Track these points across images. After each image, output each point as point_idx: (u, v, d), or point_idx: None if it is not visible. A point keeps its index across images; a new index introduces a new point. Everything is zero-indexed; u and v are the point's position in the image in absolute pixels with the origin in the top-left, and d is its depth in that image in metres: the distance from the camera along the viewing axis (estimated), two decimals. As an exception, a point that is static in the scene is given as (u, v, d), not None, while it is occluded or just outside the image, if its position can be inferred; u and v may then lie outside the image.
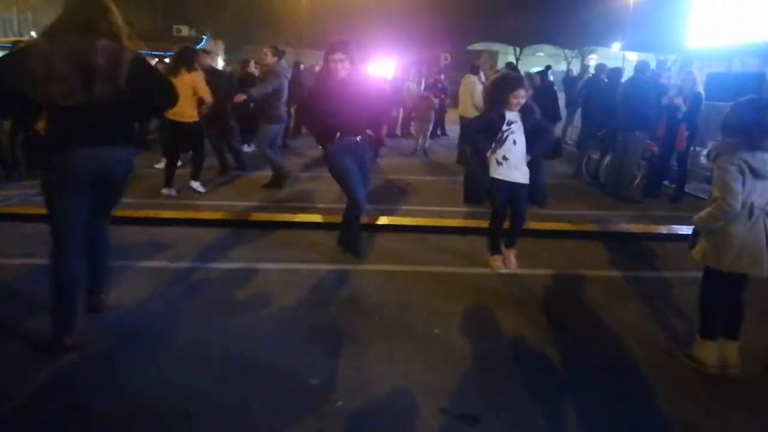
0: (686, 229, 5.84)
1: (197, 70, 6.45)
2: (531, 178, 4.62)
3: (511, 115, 4.42)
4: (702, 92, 7.24)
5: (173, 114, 5.81)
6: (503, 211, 4.59)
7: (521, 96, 4.39)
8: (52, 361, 2.95)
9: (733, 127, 2.95)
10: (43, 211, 3.07)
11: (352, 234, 4.79)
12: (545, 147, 4.92)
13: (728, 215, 2.86)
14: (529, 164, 4.57)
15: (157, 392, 2.75)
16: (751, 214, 2.88)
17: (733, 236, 2.90)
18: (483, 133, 4.48)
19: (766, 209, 2.92)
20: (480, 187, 5.43)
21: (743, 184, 2.84)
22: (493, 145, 4.41)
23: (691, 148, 7.45)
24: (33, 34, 33.59)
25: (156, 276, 4.20)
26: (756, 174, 2.86)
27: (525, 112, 4.49)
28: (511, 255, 4.70)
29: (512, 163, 4.43)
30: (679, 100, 7.10)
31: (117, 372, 2.92)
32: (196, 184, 6.77)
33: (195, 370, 2.95)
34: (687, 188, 7.60)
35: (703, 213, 3.01)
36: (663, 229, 6.06)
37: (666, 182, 7.90)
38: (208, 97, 6.46)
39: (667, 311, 4.02)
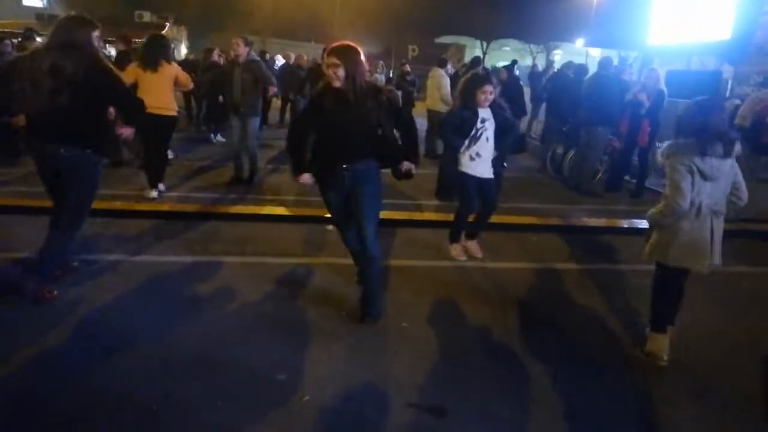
0: (646, 223, 6.05)
1: (174, 59, 6.20)
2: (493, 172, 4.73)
3: (484, 113, 4.51)
4: (665, 89, 7.42)
5: (156, 108, 5.34)
6: (475, 205, 4.70)
7: (489, 92, 4.45)
8: (11, 354, 2.84)
9: (685, 128, 3.04)
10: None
11: (367, 291, 3.62)
12: (511, 143, 5.05)
13: (676, 213, 2.96)
14: (494, 159, 4.67)
15: (120, 390, 2.68)
16: (698, 213, 2.99)
17: (680, 233, 3.02)
18: (456, 130, 4.54)
19: (714, 209, 3.03)
20: (451, 182, 5.50)
21: (693, 184, 2.94)
22: (467, 142, 4.49)
23: (653, 144, 7.64)
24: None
25: (117, 270, 4.08)
26: (705, 176, 2.95)
27: (496, 110, 4.58)
28: (476, 245, 4.79)
29: (484, 158, 4.55)
30: (643, 96, 7.26)
31: (77, 369, 2.83)
32: (162, 187, 6.15)
33: (158, 367, 2.89)
34: (647, 183, 7.81)
35: (654, 210, 3.11)
36: (624, 223, 6.23)
37: (627, 177, 8.09)
38: (190, 85, 6.25)
39: (627, 303, 4.13)
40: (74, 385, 2.70)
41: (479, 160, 4.53)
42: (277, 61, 14.35)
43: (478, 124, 4.48)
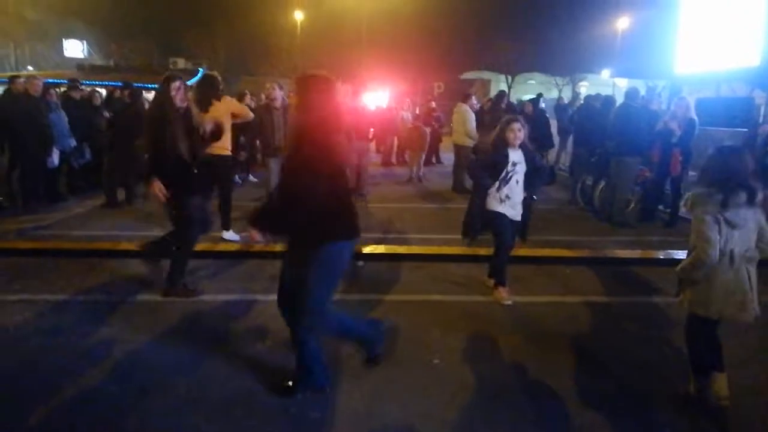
0: (682, 254, 5.90)
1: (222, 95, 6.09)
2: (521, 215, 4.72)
3: (515, 155, 4.50)
4: (695, 117, 7.35)
5: (217, 148, 5.34)
6: (512, 242, 4.67)
7: (517, 129, 4.46)
8: (51, 394, 2.92)
9: (709, 177, 2.99)
10: (39, 245, 3.12)
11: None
12: (540, 185, 5.07)
13: (707, 264, 2.88)
14: (523, 200, 4.65)
15: (155, 428, 2.72)
16: (732, 262, 2.91)
17: (718, 284, 2.93)
18: (487, 170, 4.55)
19: (747, 256, 2.94)
20: (478, 221, 5.40)
21: (720, 233, 2.87)
22: (497, 184, 4.49)
23: (686, 173, 7.53)
24: (30, 68, 33.99)
25: (150, 309, 4.18)
26: (732, 225, 2.89)
27: (526, 151, 4.58)
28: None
29: (513, 201, 4.53)
30: (674, 125, 7.20)
31: (113, 408, 2.88)
32: (229, 234, 6.11)
33: (192, 405, 2.92)
34: (681, 212, 7.65)
35: (684, 263, 3.04)
36: (659, 254, 6.09)
37: (660, 207, 7.95)
38: (250, 114, 6.34)
39: (666, 337, 4.02)
40: (111, 425, 2.74)
41: (508, 203, 4.51)
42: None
43: (509, 167, 4.47)
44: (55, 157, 7.42)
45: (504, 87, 37.70)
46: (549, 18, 37.60)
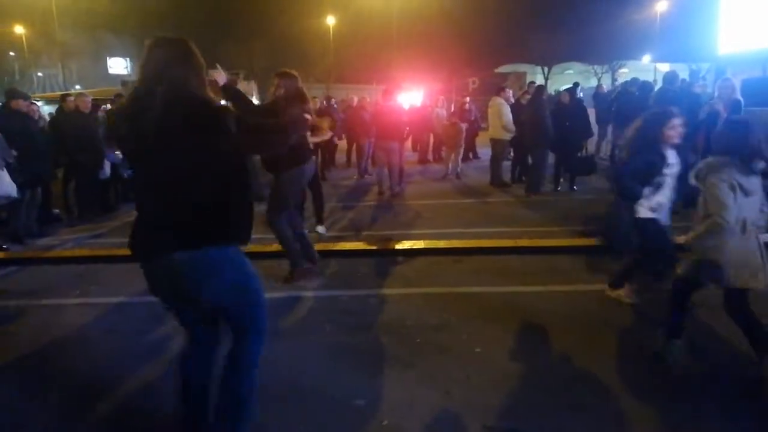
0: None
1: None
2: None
3: (671, 155, 3.84)
4: (741, 99, 7.12)
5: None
6: (669, 246, 4.09)
7: (677, 125, 3.76)
8: (115, 386, 3.12)
9: (724, 145, 3.03)
10: (95, 252, 3.33)
11: None
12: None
13: (724, 230, 2.90)
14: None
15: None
16: (744, 229, 2.94)
17: (730, 251, 2.95)
18: (638, 178, 3.82)
19: (757, 224, 2.99)
20: (626, 232, 4.49)
21: (735, 200, 2.89)
22: (651, 190, 3.83)
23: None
24: (77, 87, 35.57)
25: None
26: (746, 192, 2.92)
27: (680, 149, 3.96)
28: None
29: (665, 207, 3.95)
30: (719, 106, 7.00)
31: (170, 400, 3.05)
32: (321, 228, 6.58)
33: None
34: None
35: (699, 230, 3.04)
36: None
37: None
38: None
39: (714, 324, 3.93)
40: (167, 417, 2.91)
41: (660, 209, 3.90)
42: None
43: (665, 170, 3.79)
44: (107, 169, 7.81)
45: (540, 79, 37.13)
46: (584, 5, 36.82)
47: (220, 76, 4.27)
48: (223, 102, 4.58)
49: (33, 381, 3.35)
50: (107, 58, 42.54)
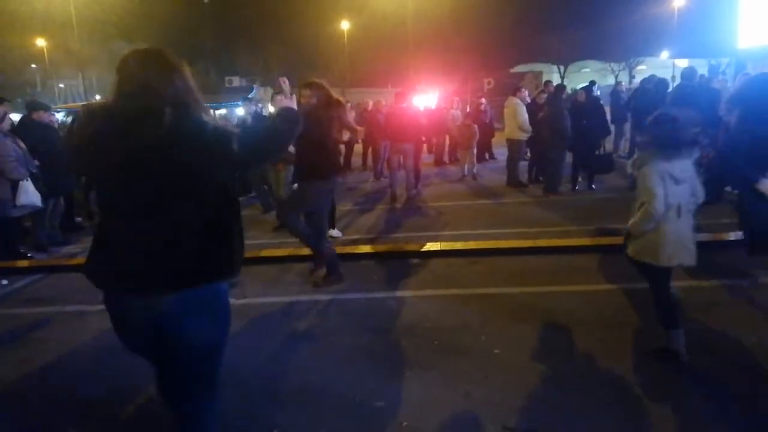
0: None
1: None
2: None
3: None
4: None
5: None
6: None
7: None
8: (133, 393, 3.17)
9: (654, 138, 3.26)
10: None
11: None
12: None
13: (655, 217, 3.16)
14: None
15: (232, 422, 2.91)
16: (679, 214, 3.19)
17: (667, 234, 3.21)
18: (756, 158, 3.76)
19: (690, 207, 3.24)
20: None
21: (665, 188, 3.13)
22: None
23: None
24: (98, 96, 36.24)
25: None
26: (676, 180, 3.15)
27: None
28: None
29: None
30: (739, 103, 6.89)
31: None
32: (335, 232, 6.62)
33: (266, 399, 3.11)
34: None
35: (635, 218, 3.30)
36: (730, 236, 5.84)
37: (728, 188, 7.60)
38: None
39: (733, 321, 3.88)
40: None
41: None
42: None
43: None
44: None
45: (557, 78, 36.85)
46: (600, 1, 36.49)
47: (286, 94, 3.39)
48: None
49: (58, 387, 3.42)
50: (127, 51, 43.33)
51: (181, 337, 1.92)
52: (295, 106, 2.23)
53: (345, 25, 39.78)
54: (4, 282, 5.58)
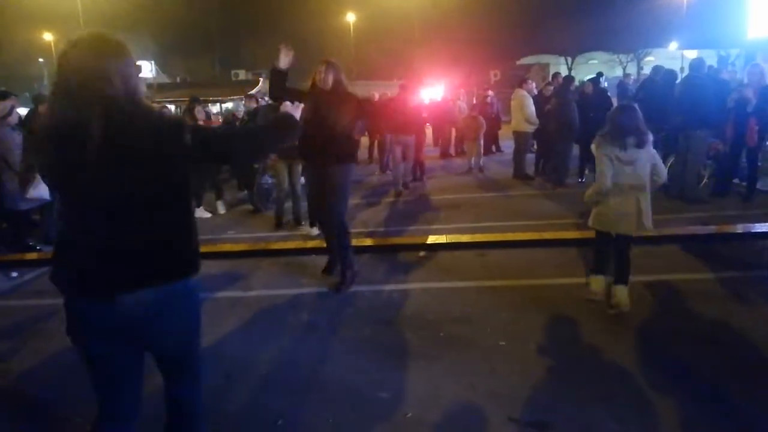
0: (763, 227, 5.62)
1: None
2: None
3: None
4: (770, 84, 6.93)
5: None
6: None
7: None
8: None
9: (608, 126, 3.93)
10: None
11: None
12: None
13: (603, 192, 3.87)
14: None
15: (240, 411, 2.93)
16: (621, 191, 3.84)
17: (612, 206, 3.91)
18: None
19: (636, 186, 3.83)
20: None
21: (612, 169, 3.81)
22: None
23: (763, 143, 7.11)
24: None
25: (230, 305, 4.45)
26: (623, 162, 3.81)
27: None
28: None
29: None
30: (749, 93, 6.83)
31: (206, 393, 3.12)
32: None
33: (273, 389, 3.13)
34: (760, 185, 7.24)
35: (588, 191, 4.03)
36: (738, 228, 5.80)
37: (736, 180, 7.56)
38: None
39: (738, 313, 3.86)
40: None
41: None
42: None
43: None
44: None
45: (564, 69, 36.60)
46: (606, -8, 36.17)
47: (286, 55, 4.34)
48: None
49: (66, 377, 3.46)
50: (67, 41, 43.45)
51: (148, 336, 1.90)
52: (298, 115, 2.21)
53: (350, 17, 39.65)
54: (14, 274, 5.62)
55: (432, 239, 5.85)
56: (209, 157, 1.98)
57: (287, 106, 2.25)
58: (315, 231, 6.34)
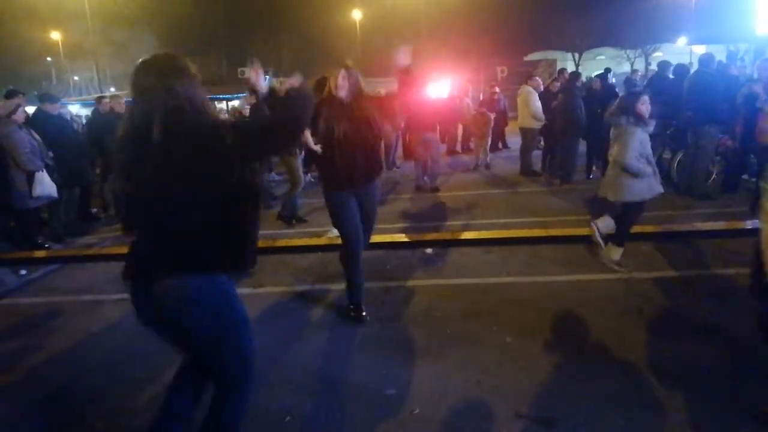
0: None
1: None
2: None
3: None
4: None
5: None
6: None
7: None
8: (153, 379, 3.22)
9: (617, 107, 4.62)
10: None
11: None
12: None
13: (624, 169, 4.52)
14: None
15: (249, 407, 2.93)
16: (649, 163, 4.49)
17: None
18: None
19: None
20: None
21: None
22: None
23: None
24: (112, 89, 36.51)
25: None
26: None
27: None
28: None
29: None
30: (758, 88, 6.76)
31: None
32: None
33: (279, 386, 3.13)
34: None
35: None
36: (747, 224, 5.74)
37: (746, 176, 7.49)
38: None
39: (746, 310, 3.82)
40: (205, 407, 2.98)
41: None
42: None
43: None
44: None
45: (571, 65, 36.39)
46: (615, -12, 35.90)
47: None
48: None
49: (73, 375, 3.48)
50: (139, 60, 43.58)
51: (181, 323, 2.08)
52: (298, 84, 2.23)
53: (357, 14, 39.60)
54: (23, 272, 5.66)
55: (439, 236, 5.83)
56: (252, 152, 2.08)
57: (287, 82, 2.34)
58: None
